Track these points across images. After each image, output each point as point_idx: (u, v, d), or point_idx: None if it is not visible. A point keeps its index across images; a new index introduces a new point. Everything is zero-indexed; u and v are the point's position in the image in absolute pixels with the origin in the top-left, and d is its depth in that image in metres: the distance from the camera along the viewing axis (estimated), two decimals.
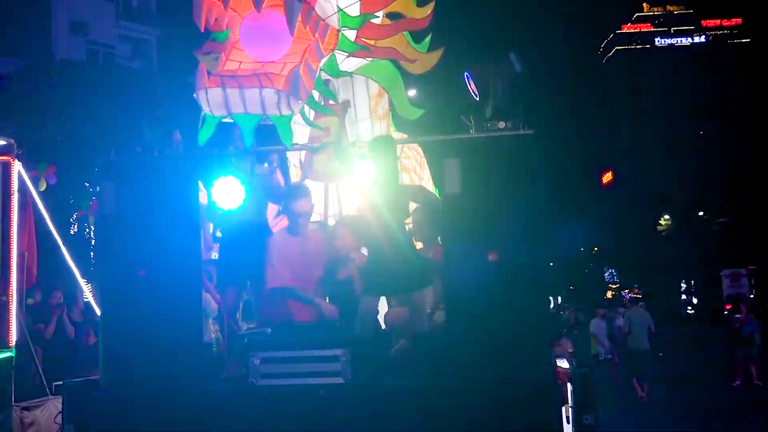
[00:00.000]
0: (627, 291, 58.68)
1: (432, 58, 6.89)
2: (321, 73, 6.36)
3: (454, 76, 6.86)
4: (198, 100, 5.92)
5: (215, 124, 6.09)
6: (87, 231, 20.72)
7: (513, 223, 5.34)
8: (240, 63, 6.00)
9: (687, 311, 53.00)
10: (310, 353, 5.39)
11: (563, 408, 5.70)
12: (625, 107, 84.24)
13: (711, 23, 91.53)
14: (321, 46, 6.10)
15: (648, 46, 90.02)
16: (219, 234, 6.95)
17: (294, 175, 7.58)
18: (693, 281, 56.38)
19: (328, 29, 6.20)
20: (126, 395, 5.46)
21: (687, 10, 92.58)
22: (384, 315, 6.39)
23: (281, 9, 5.81)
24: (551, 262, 7.10)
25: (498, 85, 5.69)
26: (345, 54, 6.60)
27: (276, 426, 5.25)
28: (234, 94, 5.78)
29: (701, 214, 55.69)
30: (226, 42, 6.05)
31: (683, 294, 57.43)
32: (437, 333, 5.77)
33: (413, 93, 7.64)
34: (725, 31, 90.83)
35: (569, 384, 6.00)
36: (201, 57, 6.09)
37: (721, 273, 39.18)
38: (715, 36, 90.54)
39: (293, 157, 7.58)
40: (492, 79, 5.72)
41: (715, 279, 41.73)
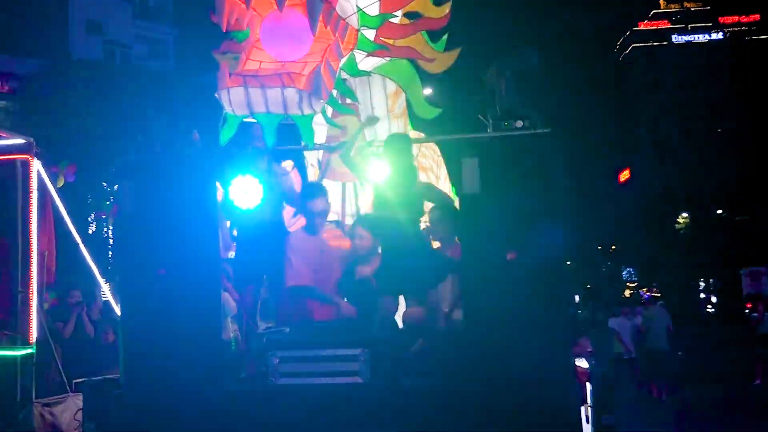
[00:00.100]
0: (645, 290, 58.29)
1: (450, 57, 6.87)
2: (340, 72, 6.36)
3: (470, 74, 6.85)
4: (220, 99, 5.93)
5: (237, 123, 6.12)
6: (105, 230, 20.90)
7: (531, 222, 5.32)
8: (261, 62, 6.01)
9: (706, 310, 52.58)
10: (328, 352, 5.39)
11: (582, 408, 5.68)
12: (642, 104, 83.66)
13: (729, 20, 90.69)
14: (341, 45, 6.10)
15: (665, 43, 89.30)
16: (235, 233, 6.96)
17: (311, 175, 7.59)
18: (712, 280, 55.92)
19: (348, 29, 6.19)
20: (145, 394, 5.47)
21: (704, 6, 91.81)
22: (402, 314, 6.38)
23: (302, 9, 5.82)
24: (568, 260, 7.07)
25: (514, 84, 5.67)
26: (363, 53, 6.59)
27: (294, 425, 5.25)
28: (256, 93, 5.79)
29: (720, 211, 55.23)
30: (245, 42, 6.06)
31: (702, 293, 56.99)
32: (455, 332, 5.75)
33: (429, 92, 7.62)
34: (743, 28, 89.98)
35: (588, 384, 5.98)
36: (219, 57, 6.11)
37: (741, 271, 38.83)
38: (733, 33, 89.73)
39: (311, 157, 7.59)
40: (508, 78, 5.69)
41: (735, 277, 41.37)
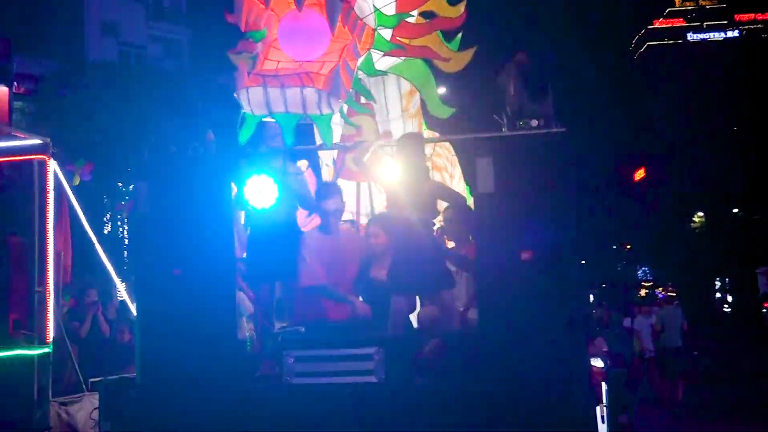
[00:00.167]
0: (660, 289, 57.93)
1: (465, 56, 6.86)
2: (357, 72, 6.36)
3: (484, 73, 6.83)
4: (239, 99, 5.94)
5: (255, 123, 6.12)
6: (120, 230, 21.02)
7: (545, 222, 5.30)
8: (278, 62, 6.00)
9: (722, 309, 52.20)
10: (343, 352, 5.40)
11: (598, 408, 5.66)
12: (657, 103, 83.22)
13: (744, 17, 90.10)
14: (358, 45, 6.10)
15: (680, 41, 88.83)
16: (248, 232, 6.97)
17: (326, 174, 7.60)
18: (728, 279, 55.49)
19: (365, 29, 6.19)
20: (161, 393, 5.50)
21: (720, 4, 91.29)
22: (417, 314, 6.38)
23: (320, 8, 5.82)
24: (583, 260, 7.04)
25: (528, 83, 5.65)
26: (380, 53, 6.59)
27: (310, 424, 5.26)
28: (275, 93, 5.79)
29: (735, 210, 54.79)
30: (261, 41, 6.06)
31: (718, 292, 56.58)
32: (470, 332, 5.75)
33: (443, 91, 7.61)
34: (759, 26, 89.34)
35: (604, 383, 5.95)
36: (234, 57, 6.12)
37: (757, 270, 38.56)
38: (749, 30, 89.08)
39: (325, 156, 7.60)
40: (522, 77, 5.67)
41: (751, 276, 41.08)
